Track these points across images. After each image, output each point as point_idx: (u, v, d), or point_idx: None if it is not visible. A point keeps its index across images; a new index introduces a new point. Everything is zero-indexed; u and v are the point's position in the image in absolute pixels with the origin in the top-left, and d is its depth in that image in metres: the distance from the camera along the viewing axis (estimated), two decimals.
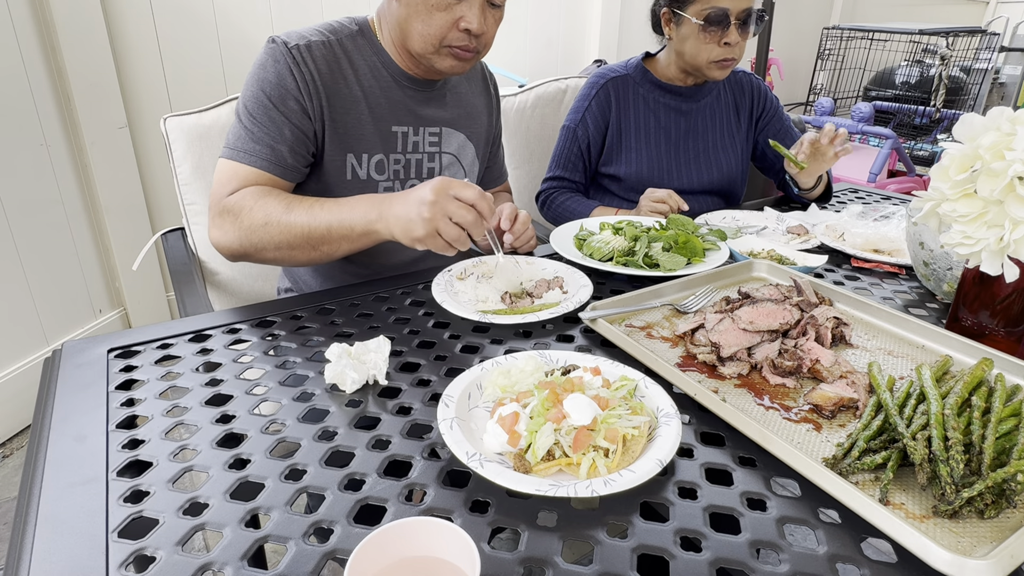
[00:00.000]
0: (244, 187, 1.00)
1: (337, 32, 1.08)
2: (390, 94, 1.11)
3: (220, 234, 0.99)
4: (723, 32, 1.34)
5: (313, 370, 0.76)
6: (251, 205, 0.96)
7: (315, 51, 1.03)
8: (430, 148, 1.18)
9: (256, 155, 1.01)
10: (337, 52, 1.06)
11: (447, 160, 1.20)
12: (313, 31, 1.07)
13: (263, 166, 1.01)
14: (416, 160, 1.16)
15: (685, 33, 1.38)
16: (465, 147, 1.23)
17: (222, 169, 1.02)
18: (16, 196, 1.88)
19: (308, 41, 1.03)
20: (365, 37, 1.11)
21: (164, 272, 2.40)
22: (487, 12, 1.03)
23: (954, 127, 0.77)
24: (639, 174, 1.51)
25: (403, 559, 0.47)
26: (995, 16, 4.62)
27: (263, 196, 0.97)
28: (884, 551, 0.51)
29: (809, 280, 0.93)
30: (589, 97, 1.52)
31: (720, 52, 1.36)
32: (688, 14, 1.35)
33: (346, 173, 1.09)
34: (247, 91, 1.03)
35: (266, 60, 1.02)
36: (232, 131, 1.04)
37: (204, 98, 1.40)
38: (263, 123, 1.01)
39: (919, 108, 3.44)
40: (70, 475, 0.59)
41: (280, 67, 1.01)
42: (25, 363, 1.99)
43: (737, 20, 1.33)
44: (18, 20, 1.84)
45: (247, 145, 1.01)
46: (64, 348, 0.80)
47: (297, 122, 1.02)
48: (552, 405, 0.61)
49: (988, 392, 0.65)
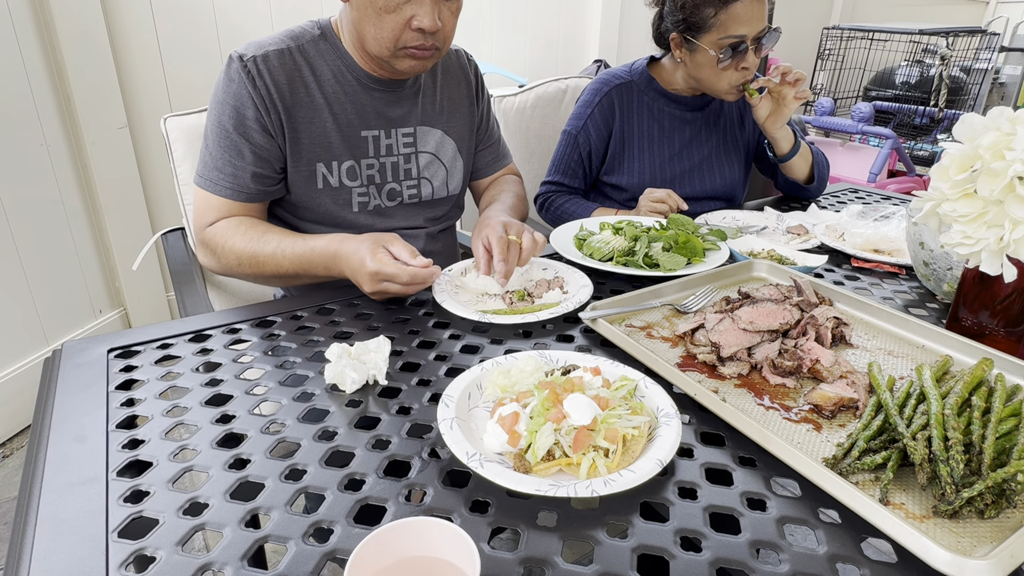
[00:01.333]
0: (220, 218, 1.05)
1: (298, 38, 1.06)
2: (356, 98, 1.09)
3: (205, 261, 1.07)
4: (740, 58, 1.31)
5: (313, 370, 0.76)
6: (222, 244, 1.02)
7: (272, 62, 1.02)
8: (405, 150, 1.16)
9: (220, 184, 1.04)
10: (297, 59, 1.05)
11: (425, 160, 1.19)
12: (273, 39, 1.05)
13: (229, 195, 1.04)
14: (391, 163, 1.15)
15: (700, 60, 1.34)
16: (444, 143, 1.21)
17: (197, 197, 1.07)
18: (16, 196, 1.88)
19: (265, 52, 1.02)
20: (328, 41, 1.08)
21: (164, 272, 2.40)
22: (441, 5, 0.99)
23: (954, 127, 0.77)
24: (642, 183, 1.49)
25: (403, 559, 0.47)
26: (995, 16, 4.62)
27: (232, 235, 1.02)
28: (884, 551, 0.51)
29: (809, 280, 0.93)
30: (592, 104, 1.49)
31: (739, 77, 1.33)
32: (703, 44, 1.31)
33: (316, 182, 1.09)
34: (209, 116, 1.05)
35: (224, 82, 1.03)
36: (200, 155, 1.06)
37: (204, 98, 1.40)
38: (224, 148, 1.03)
39: (919, 108, 3.44)
40: (70, 475, 0.59)
41: (236, 87, 1.01)
42: (25, 363, 1.99)
43: (753, 44, 1.30)
44: (18, 20, 1.84)
45: (211, 173, 1.04)
46: (64, 348, 0.80)
47: (258, 143, 1.03)
48: (552, 405, 0.61)
49: (988, 392, 0.65)
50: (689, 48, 1.35)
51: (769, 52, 1.38)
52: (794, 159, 1.46)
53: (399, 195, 1.17)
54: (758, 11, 1.28)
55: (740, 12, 1.27)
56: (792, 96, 1.34)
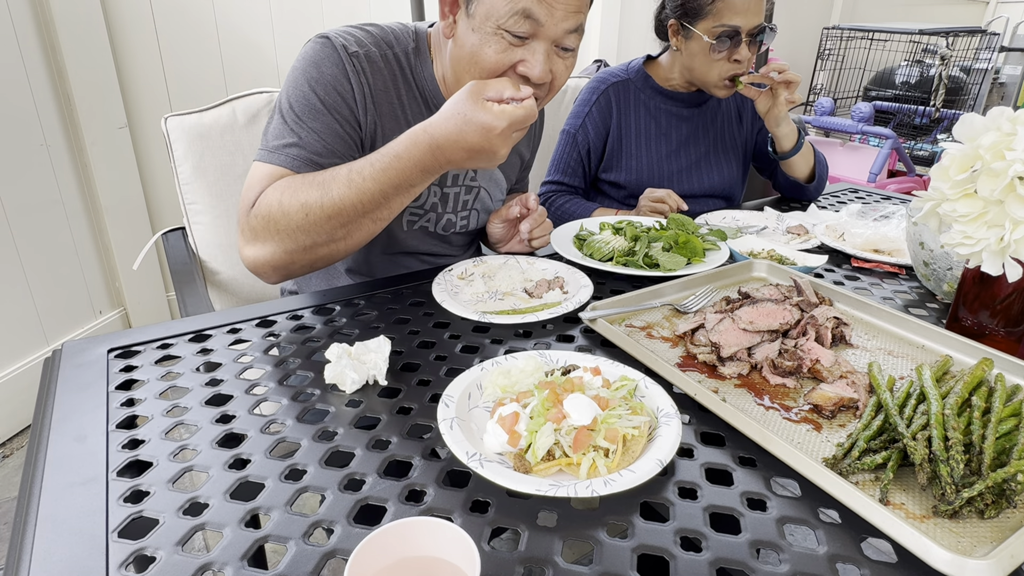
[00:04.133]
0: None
1: (393, 46, 0.99)
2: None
3: (258, 251, 0.88)
4: (734, 50, 1.31)
5: (313, 370, 0.76)
6: (278, 199, 0.86)
7: (375, 63, 0.95)
8: (469, 182, 1.14)
9: (301, 161, 0.91)
10: (394, 69, 0.99)
11: (481, 193, 1.17)
12: (368, 36, 0.97)
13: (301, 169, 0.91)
14: (454, 194, 1.13)
15: (694, 49, 1.36)
16: (497, 178, 1.20)
17: (258, 173, 0.91)
18: (16, 196, 1.88)
19: (368, 50, 0.95)
20: (420, 58, 1.02)
21: (164, 272, 2.40)
22: (555, 56, 0.90)
23: (954, 127, 0.77)
24: (640, 180, 1.50)
25: (403, 559, 0.47)
26: (995, 16, 4.62)
27: (288, 188, 0.87)
28: (884, 551, 0.51)
29: (809, 280, 0.93)
30: (590, 103, 1.50)
31: (730, 68, 1.34)
32: (698, 30, 1.32)
33: None
34: (294, 88, 0.93)
35: (320, 58, 0.93)
36: (272, 131, 0.94)
37: (204, 98, 1.40)
38: (311, 127, 0.92)
39: (919, 108, 3.44)
40: (70, 475, 0.59)
41: (336, 69, 0.93)
42: (25, 363, 1.99)
43: (748, 37, 1.31)
44: (18, 20, 1.84)
45: (290, 149, 0.91)
46: (64, 348, 0.80)
47: (347, 130, 0.94)
48: (552, 405, 0.61)
49: (988, 392, 0.65)
50: (685, 35, 1.37)
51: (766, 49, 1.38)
52: (795, 157, 1.46)
53: (453, 225, 1.16)
54: (756, 4, 1.29)
55: (737, 2, 1.28)
56: (783, 98, 1.35)
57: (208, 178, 1.29)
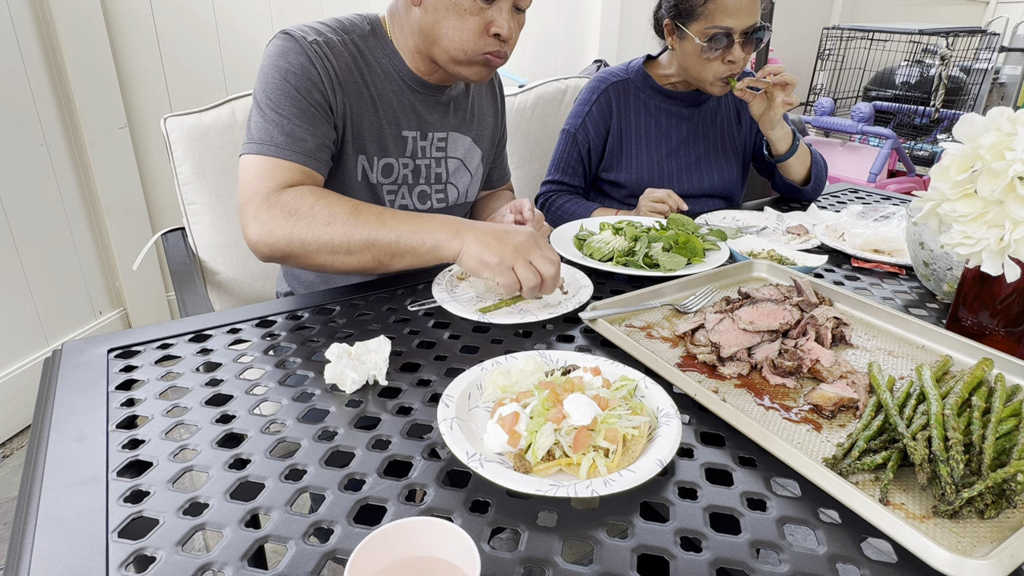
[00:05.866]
0: (290, 184, 0.94)
1: (350, 31, 1.05)
2: (401, 98, 1.09)
3: (265, 229, 0.91)
4: (727, 51, 1.31)
5: (313, 370, 0.76)
6: (312, 203, 0.91)
7: (333, 48, 1.01)
8: (436, 153, 1.17)
9: (289, 148, 0.95)
10: (352, 51, 1.04)
11: (453, 165, 1.20)
12: (326, 27, 1.03)
13: (299, 159, 0.96)
14: (425, 165, 1.15)
15: (688, 49, 1.36)
16: (472, 151, 1.23)
17: (253, 165, 0.95)
18: (16, 196, 1.88)
19: (326, 38, 1.01)
20: (377, 38, 1.08)
21: (164, 272, 2.40)
22: (514, 16, 1.01)
23: (954, 127, 0.77)
24: (639, 180, 1.50)
25: (403, 559, 0.47)
26: (995, 16, 4.62)
27: (325, 196, 0.92)
28: (884, 551, 0.51)
29: (809, 280, 0.93)
30: (590, 102, 1.50)
31: (724, 69, 1.34)
32: (691, 32, 1.32)
33: (356, 174, 1.08)
34: (268, 82, 0.97)
35: (285, 51, 0.98)
36: (255, 125, 0.97)
37: (204, 98, 1.40)
38: (291, 114, 0.96)
39: (919, 108, 3.44)
40: (70, 475, 0.59)
41: (302, 59, 0.97)
42: (25, 363, 1.99)
43: (741, 38, 1.30)
44: (18, 20, 1.84)
45: (277, 138, 0.95)
46: (64, 348, 0.80)
47: (324, 115, 0.99)
48: (552, 405, 0.61)
49: (988, 392, 0.65)
50: (679, 35, 1.37)
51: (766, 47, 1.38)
52: (790, 160, 1.45)
53: (428, 198, 1.18)
54: (748, 5, 1.28)
55: (729, 3, 1.27)
56: (780, 100, 1.34)
57: (208, 178, 1.29)
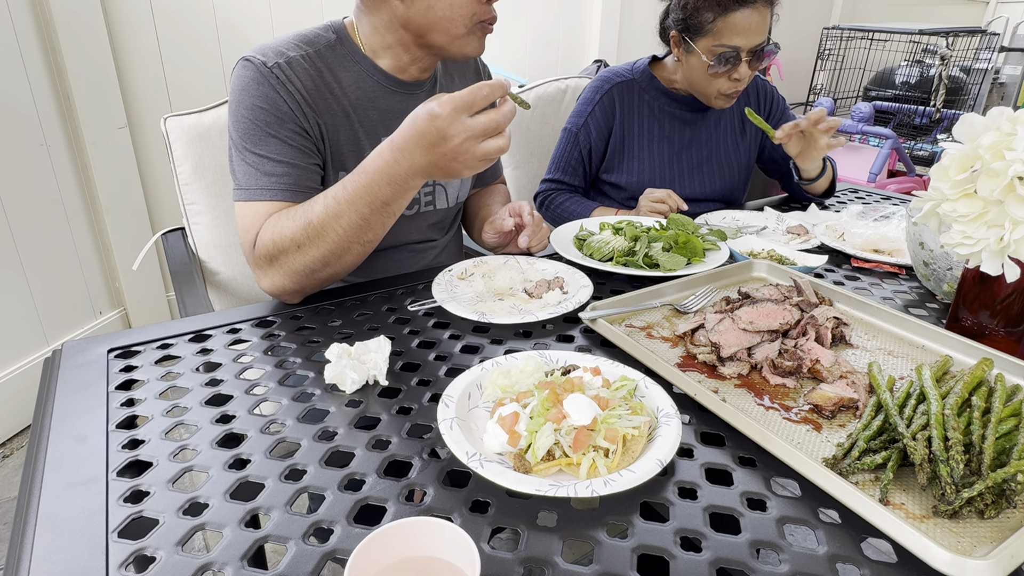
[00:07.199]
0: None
1: (313, 43, 1.01)
2: (378, 103, 1.06)
3: (268, 282, 0.93)
4: (733, 69, 1.31)
5: (313, 370, 0.76)
6: (271, 238, 0.91)
7: (296, 67, 0.97)
8: None
9: (275, 188, 0.94)
10: (318, 65, 1.00)
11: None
12: (286, 44, 0.99)
13: (285, 196, 0.95)
14: None
15: (694, 63, 1.35)
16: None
17: (241, 213, 0.96)
18: (16, 196, 1.88)
19: (287, 57, 0.97)
20: (344, 45, 1.04)
21: (164, 272, 2.40)
22: None
23: (954, 127, 0.77)
24: (641, 182, 1.49)
25: (403, 559, 0.47)
26: (995, 16, 4.62)
27: (275, 224, 0.91)
28: (884, 551, 0.51)
29: (809, 280, 0.93)
30: (593, 102, 1.49)
31: (728, 86, 1.34)
32: (699, 47, 1.31)
33: None
34: (239, 121, 0.96)
35: (247, 83, 0.95)
36: (238, 169, 0.97)
37: (204, 98, 1.40)
38: (268, 151, 0.95)
39: (919, 108, 3.44)
40: (70, 475, 0.59)
41: (266, 89, 0.94)
42: (25, 363, 1.99)
43: (748, 56, 1.30)
44: (18, 20, 1.84)
45: (260, 179, 0.94)
46: (64, 348, 0.80)
47: (302, 142, 0.97)
48: (552, 405, 0.61)
49: (988, 392, 0.65)
50: (686, 49, 1.36)
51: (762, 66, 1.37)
52: (819, 181, 1.48)
53: (416, 203, 1.16)
54: (758, 24, 1.27)
55: (738, 22, 1.26)
56: (824, 143, 1.34)
57: (207, 178, 1.29)
